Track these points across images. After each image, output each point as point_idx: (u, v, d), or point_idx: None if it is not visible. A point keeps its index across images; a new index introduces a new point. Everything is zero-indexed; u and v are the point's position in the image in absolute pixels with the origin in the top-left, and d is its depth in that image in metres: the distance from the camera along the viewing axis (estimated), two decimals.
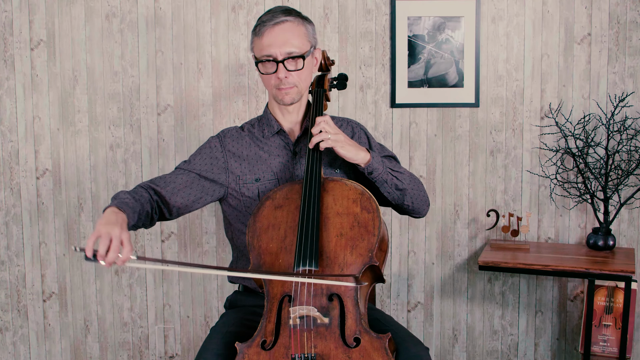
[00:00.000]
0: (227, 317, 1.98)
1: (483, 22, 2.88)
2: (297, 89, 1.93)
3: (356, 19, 2.92)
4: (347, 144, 1.88)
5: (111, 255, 1.60)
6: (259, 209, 1.85)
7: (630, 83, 2.84)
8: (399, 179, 1.95)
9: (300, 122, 2.03)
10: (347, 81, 2.19)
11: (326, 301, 1.70)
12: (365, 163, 1.89)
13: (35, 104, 3.02)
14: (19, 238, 3.09)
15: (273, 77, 1.91)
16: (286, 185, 1.88)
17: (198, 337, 3.11)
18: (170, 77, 2.99)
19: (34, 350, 3.15)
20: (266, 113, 2.05)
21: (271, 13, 1.91)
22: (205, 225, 3.05)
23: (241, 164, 1.99)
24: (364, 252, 1.75)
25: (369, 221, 1.78)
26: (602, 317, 2.72)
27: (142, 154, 3.03)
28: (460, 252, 3.00)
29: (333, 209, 1.81)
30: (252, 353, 1.68)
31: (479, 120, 2.93)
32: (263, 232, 1.81)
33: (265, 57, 1.89)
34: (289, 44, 1.87)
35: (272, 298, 1.74)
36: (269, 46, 1.87)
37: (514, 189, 2.94)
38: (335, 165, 1.99)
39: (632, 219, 2.89)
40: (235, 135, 2.04)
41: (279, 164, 1.99)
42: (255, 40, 1.92)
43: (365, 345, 1.65)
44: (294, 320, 1.67)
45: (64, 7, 2.98)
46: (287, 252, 1.77)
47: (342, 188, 1.84)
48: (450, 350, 3.04)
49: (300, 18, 1.92)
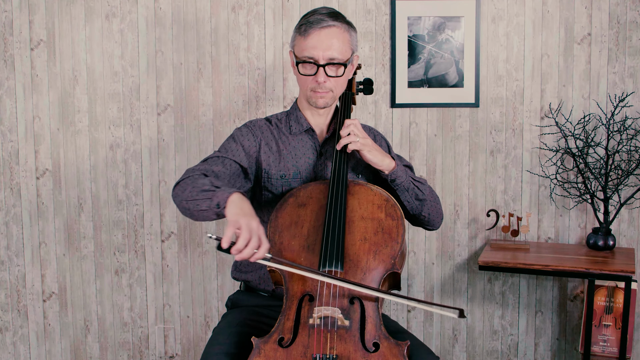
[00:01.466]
0: (231, 317, 1.97)
1: (483, 22, 2.88)
2: (332, 94, 1.92)
3: (356, 19, 2.91)
4: (374, 148, 1.88)
5: (248, 251, 1.56)
6: (282, 205, 1.84)
7: (630, 83, 2.84)
8: (420, 189, 1.95)
9: (327, 124, 2.02)
10: (372, 85, 2.18)
11: (347, 304, 1.69)
12: (389, 170, 1.89)
13: (35, 104, 3.02)
14: (19, 238, 3.09)
15: (311, 80, 1.89)
16: (311, 184, 1.88)
17: (198, 337, 3.11)
18: (170, 77, 2.99)
19: (34, 350, 3.15)
20: (295, 110, 2.02)
21: (318, 14, 1.88)
22: (206, 225, 3.05)
23: (269, 157, 1.96)
24: (387, 259, 1.75)
25: (393, 228, 1.78)
26: (602, 317, 2.72)
27: (142, 154, 3.03)
28: (460, 252, 3.00)
29: (358, 213, 1.81)
30: (268, 349, 1.66)
31: (479, 120, 2.93)
32: (285, 228, 1.80)
33: (307, 59, 1.87)
34: (333, 50, 1.86)
35: (292, 296, 1.72)
36: (312, 48, 1.85)
37: (514, 189, 2.94)
38: (358, 170, 1.99)
39: (632, 219, 2.89)
40: (264, 127, 2.01)
41: (304, 163, 1.98)
42: (299, 39, 1.89)
43: (384, 351, 1.65)
44: (315, 320, 1.67)
45: (64, 7, 2.98)
46: (310, 251, 1.76)
47: (368, 193, 1.85)
48: (450, 350, 3.04)
49: (346, 24, 1.90)
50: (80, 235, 3.08)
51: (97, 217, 3.06)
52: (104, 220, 3.07)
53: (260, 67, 2.97)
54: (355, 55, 1.96)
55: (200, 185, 1.72)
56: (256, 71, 2.97)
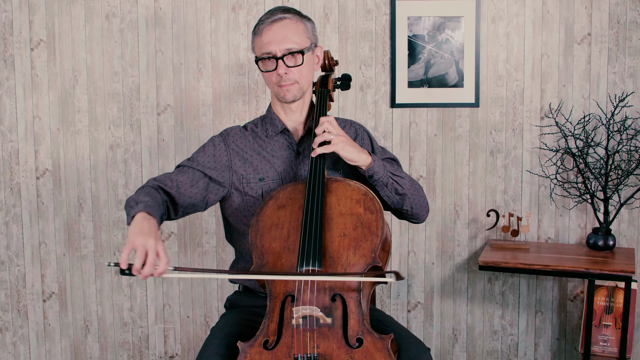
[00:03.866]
0: (227, 317, 1.98)
1: (483, 22, 2.88)
2: (298, 85, 1.93)
3: (356, 19, 2.92)
4: (349, 145, 1.88)
5: (147, 269, 1.58)
6: (262, 208, 1.85)
7: (630, 83, 2.84)
8: (399, 184, 1.95)
9: (303, 122, 2.03)
10: (350, 81, 2.19)
11: (329, 301, 1.70)
12: (366, 166, 1.89)
13: (35, 104, 3.02)
14: (19, 238, 3.09)
15: (274, 75, 1.91)
16: (289, 185, 1.88)
17: (198, 337, 3.11)
18: (170, 77, 2.99)
19: (34, 350, 3.15)
20: (269, 112, 2.04)
21: (270, 12, 1.92)
22: (205, 225, 3.05)
23: (244, 163, 1.99)
24: (367, 253, 1.75)
25: (372, 222, 1.78)
26: (602, 317, 2.72)
27: (142, 154, 3.03)
28: (460, 252, 3.00)
29: (336, 209, 1.81)
30: (254, 352, 1.67)
31: (479, 120, 2.93)
32: (266, 231, 1.81)
33: (264, 55, 1.89)
34: (287, 40, 1.88)
35: (274, 297, 1.73)
36: (268, 43, 1.88)
37: (514, 189, 2.94)
38: (338, 166, 1.99)
39: (632, 219, 2.89)
40: (238, 135, 2.03)
41: (282, 164, 1.99)
42: (255, 39, 1.93)
43: (368, 346, 1.65)
44: (296, 320, 1.67)
45: (64, 7, 2.98)
46: (290, 251, 1.77)
47: (346, 188, 1.84)
48: (450, 350, 3.04)
49: (298, 16, 1.93)
50: (80, 235, 3.08)
51: (97, 217, 3.06)
52: (104, 220, 3.07)
53: None
54: (318, 47, 1.98)
55: (133, 198, 1.78)
56: (256, 71, 2.97)
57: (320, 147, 1.85)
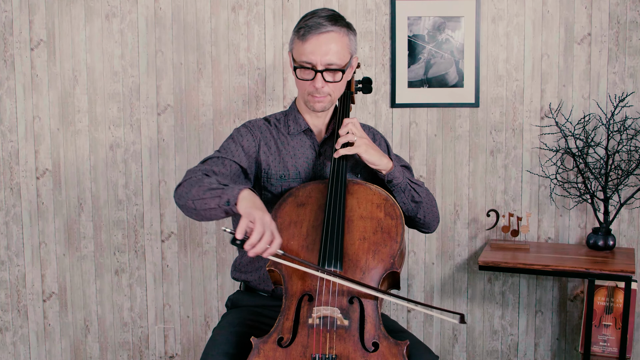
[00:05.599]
0: (231, 317, 1.97)
1: (483, 22, 2.88)
2: (330, 98, 1.91)
3: (356, 19, 2.91)
4: (372, 148, 1.87)
5: (261, 246, 1.55)
6: (280, 205, 1.84)
7: (630, 83, 2.84)
8: (416, 191, 1.95)
9: (326, 124, 2.02)
10: (371, 85, 2.18)
11: (347, 303, 1.69)
12: (387, 170, 1.89)
13: (35, 104, 3.02)
14: (19, 238, 3.09)
15: (309, 84, 1.88)
16: (310, 184, 1.88)
17: (198, 337, 3.11)
18: (170, 77, 2.99)
19: (34, 350, 3.15)
20: (293, 110, 2.02)
21: (317, 17, 1.86)
22: (205, 225, 3.05)
23: (268, 157, 1.96)
24: (386, 258, 1.74)
25: (392, 227, 1.78)
26: (602, 317, 2.72)
27: (142, 154, 3.03)
28: (460, 252, 3.00)
29: (357, 212, 1.80)
30: (268, 349, 1.66)
31: (479, 120, 2.93)
32: (284, 228, 1.79)
33: (305, 64, 1.86)
34: (331, 55, 1.84)
35: (291, 296, 1.72)
36: (310, 53, 1.84)
37: (514, 189, 2.94)
38: (357, 170, 1.99)
39: (632, 219, 2.89)
40: (263, 127, 2.00)
41: (304, 163, 1.97)
42: (297, 42, 1.87)
43: (384, 351, 1.64)
44: (314, 320, 1.66)
45: (64, 7, 2.98)
46: (309, 251, 1.76)
47: (367, 192, 1.84)
48: (450, 350, 3.04)
49: (345, 27, 1.88)
50: (80, 235, 3.08)
51: (97, 217, 3.06)
52: (104, 220, 3.07)
53: (260, 67, 2.97)
54: (354, 57, 1.95)
55: (207, 184, 1.71)
56: (256, 71, 2.97)
57: (344, 149, 1.85)
